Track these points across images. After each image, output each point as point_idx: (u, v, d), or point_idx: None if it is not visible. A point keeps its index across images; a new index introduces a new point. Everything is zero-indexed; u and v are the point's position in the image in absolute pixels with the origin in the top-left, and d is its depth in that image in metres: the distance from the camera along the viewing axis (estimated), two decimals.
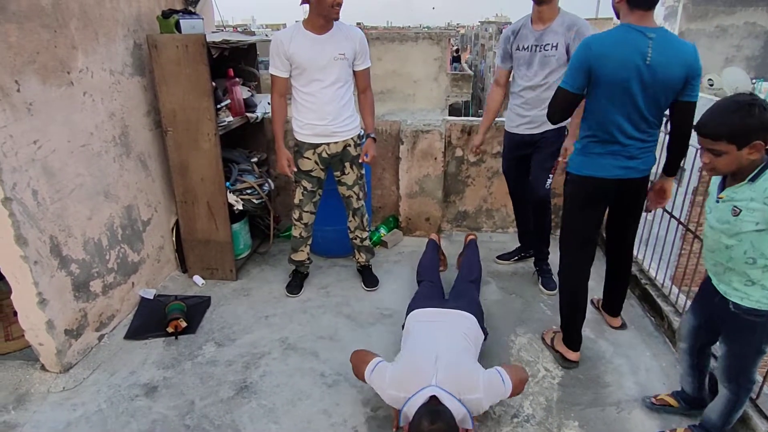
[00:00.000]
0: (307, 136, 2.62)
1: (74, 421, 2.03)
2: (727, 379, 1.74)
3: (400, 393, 1.85)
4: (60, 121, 2.20)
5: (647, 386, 2.21)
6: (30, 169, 2.06)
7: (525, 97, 2.75)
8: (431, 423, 1.66)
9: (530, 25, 2.68)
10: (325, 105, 2.54)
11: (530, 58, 2.67)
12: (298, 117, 2.62)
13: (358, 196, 2.84)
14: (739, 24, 13.87)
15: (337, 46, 2.49)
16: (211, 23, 3.59)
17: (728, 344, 1.72)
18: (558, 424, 2.02)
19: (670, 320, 2.51)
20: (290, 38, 2.45)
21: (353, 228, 2.96)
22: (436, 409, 1.72)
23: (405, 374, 1.89)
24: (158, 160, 2.94)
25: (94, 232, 2.45)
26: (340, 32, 2.51)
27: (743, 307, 1.61)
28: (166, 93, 2.68)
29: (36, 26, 2.05)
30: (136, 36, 2.69)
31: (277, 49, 2.46)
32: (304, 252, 2.94)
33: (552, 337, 2.47)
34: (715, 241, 1.64)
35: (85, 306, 2.41)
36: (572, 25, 2.55)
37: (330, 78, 2.51)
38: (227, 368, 2.34)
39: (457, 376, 1.85)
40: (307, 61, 2.46)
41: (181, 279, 3.13)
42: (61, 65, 2.19)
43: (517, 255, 3.31)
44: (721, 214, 1.61)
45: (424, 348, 2.01)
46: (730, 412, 1.77)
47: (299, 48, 2.44)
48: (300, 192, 2.76)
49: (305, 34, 2.46)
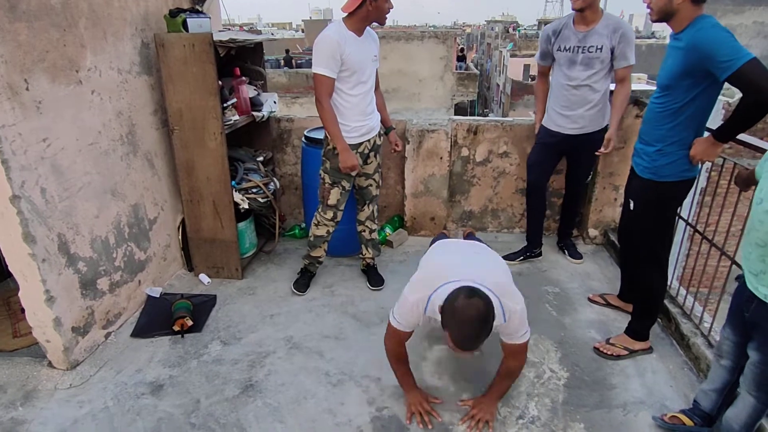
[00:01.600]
0: (353, 138, 2.61)
1: (81, 418, 2.05)
2: (757, 387, 1.67)
3: (427, 291, 1.71)
4: (68, 119, 2.22)
5: (654, 389, 2.20)
6: (39, 167, 2.07)
7: (567, 97, 2.83)
8: (468, 297, 1.55)
9: (572, 26, 2.75)
10: (368, 105, 2.63)
11: (573, 59, 2.76)
12: (344, 122, 2.56)
13: (378, 183, 2.91)
14: (748, 23, 13.75)
15: (372, 47, 2.58)
16: (218, 22, 3.60)
17: (763, 352, 1.63)
18: (564, 426, 2.01)
19: (677, 322, 2.49)
20: (345, 39, 2.40)
21: (364, 218, 2.96)
22: (474, 288, 1.59)
23: (432, 274, 1.77)
24: (164, 158, 2.95)
25: (101, 230, 2.46)
26: (369, 35, 2.59)
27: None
28: (172, 92, 2.69)
29: (45, 25, 2.06)
30: (143, 35, 2.70)
31: (333, 49, 2.37)
32: (322, 248, 2.94)
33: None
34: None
35: (92, 304, 2.43)
36: (618, 28, 2.65)
37: (371, 79, 2.60)
38: (233, 367, 2.35)
39: (497, 284, 1.73)
40: (357, 63, 2.47)
41: (187, 277, 3.14)
42: (70, 64, 2.20)
43: (523, 255, 3.30)
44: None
45: (453, 255, 1.87)
46: (755, 421, 1.71)
47: (353, 49, 2.43)
48: (338, 192, 2.73)
49: (351, 35, 2.45)
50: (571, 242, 3.37)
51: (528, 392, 2.18)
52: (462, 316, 1.56)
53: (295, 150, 3.66)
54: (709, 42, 1.82)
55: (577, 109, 2.83)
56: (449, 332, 1.61)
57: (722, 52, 1.78)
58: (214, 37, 2.61)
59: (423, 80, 12.34)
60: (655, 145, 2.11)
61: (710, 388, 1.90)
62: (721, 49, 1.78)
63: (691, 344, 2.34)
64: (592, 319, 2.70)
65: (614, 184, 3.37)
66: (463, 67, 22.70)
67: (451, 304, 1.58)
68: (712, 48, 1.80)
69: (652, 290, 2.32)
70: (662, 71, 2.07)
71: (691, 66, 1.90)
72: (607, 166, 3.33)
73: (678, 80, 1.97)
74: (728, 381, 1.83)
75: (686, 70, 1.93)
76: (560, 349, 2.46)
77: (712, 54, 1.80)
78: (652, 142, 2.13)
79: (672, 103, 2.02)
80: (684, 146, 2.06)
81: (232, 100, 2.93)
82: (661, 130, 2.08)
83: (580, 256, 3.28)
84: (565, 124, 2.90)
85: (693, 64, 1.89)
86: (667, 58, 2.05)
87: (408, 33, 11.75)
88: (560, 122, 2.92)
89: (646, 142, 2.17)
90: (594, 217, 3.48)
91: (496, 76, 26.21)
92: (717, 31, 1.82)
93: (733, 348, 1.78)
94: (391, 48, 12.20)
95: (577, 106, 2.82)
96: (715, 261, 2.50)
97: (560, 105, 2.88)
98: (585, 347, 2.46)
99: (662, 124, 2.08)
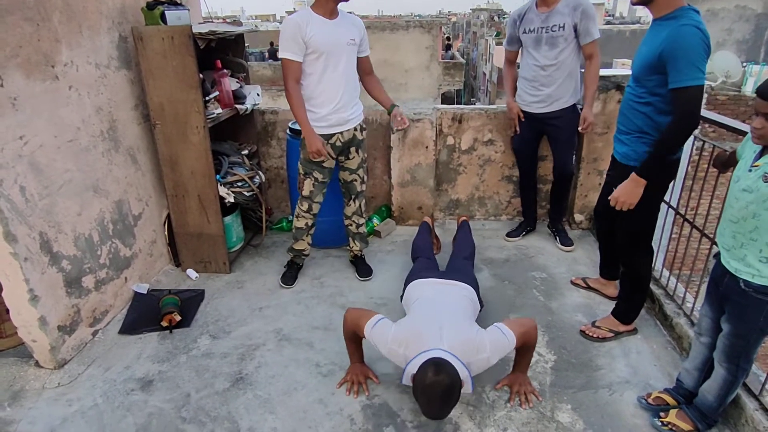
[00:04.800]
0: (323, 128, 2.57)
1: (70, 417, 2.04)
2: (727, 359, 1.73)
3: (403, 350, 1.89)
4: (46, 116, 2.18)
5: (638, 368, 2.24)
6: (17, 165, 2.04)
7: (536, 78, 2.93)
8: (435, 374, 1.70)
9: (535, 9, 2.86)
10: (339, 92, 2.54)
11: (538, 39, 2.86)
12: (312, 109, 2.54)
13: (362, 179, 2.87)
14: (730, 7, 13.87)
15: (348, 31, 2.51)
16: (198, 14, 3.55)
17: (733, 324, 1.70)
18: (551, 408, 2.04)
19: (661, 303, 2.53)
20: (307, 21, 2.39)
21: (350, 213, 2.96)
22: (441, 362, 1.75)
23: (410, 336, 1.91)
24: (147, 153, 2.92)
25: (84, 227, 2.44)
26: (346, 19, 2.54)
27: (754, 285, 1.60)
28: (153, 86, 2.65)
29: (18, 20, 2.02)
30: (121, 28, 2.65)
31: (293, 31, 2.36)
32: (305, 241, 2.93)
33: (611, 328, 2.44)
34: (741, 209, 1.60)
35: (77, 302, 2.41)
36: (578, 5, 2.75)
37: (342, 63, 2.51)
38: (222, 360, 2.35)
39: (463, 342, 1.88)
40: (324, 45, 2.41)
41: (174, 273, 3.12)
42: (45, 59, 2.16)
43: (524, 230, 3.48)
44: (750, 182, 1.57)
45: (428, 314, 2.04)
46: (727, 393, 1.77)
47: (316, 31, 2.39)
48: (311, 183, 2.71)
49: (319, 18, 2.43)
50: (561, 228, 3.40)
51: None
52: (429, 393, 1.71)
53: (281, 143, 3.64)
54: (684, 43, 1.81)
55: (544, 89, 2.93)
56: (419, 405, 1.79)
57: (690, 61, 1.80)
58: (194, 29, 2.57)
59: (409, 70, 12.29)
60: (633, 133, 2.13)
61: (692, 366, 1.95)
62: (690, 58, 1.80)
63: (674, 324, 2.39)
64: (579, 303, 2.73)
65: (598, 170, 3.40)
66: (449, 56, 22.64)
67: (421, 381, 1.73)
68: (682, 51, 1.81)
69: (640, 274, 2.35)
70: (637, 59, 2.06)
71: (660, 62, 1.89)
72: (591, 152, 3.36)
73: (649, 74, 1.97)
74: (708, 357, 1.87)
75: (658, 64, 1.90)
76: (547, 333, 2.49)
77: (679, 57, 1.81)
78: (629, 131, 2.15)
79: (647, 94, 2.03)
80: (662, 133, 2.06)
81: (214, 93, 2.89)
82: (638, 119, 2.09)
83: (570, 243, 3.30)
84: (535, 104, 3.00)
85: (661, 61, 1.88)
86: (643, 44, 2.03)
87: (393, 23, 11.68)
88: (531, 102, 3.03)
89: (624, 132, 2.18)
90: (579, 202, 3.51)
91: (483, 65, 26.17)
92: (697, 38, 1.81)
93: (710, 324, 1.84)
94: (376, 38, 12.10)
95: (545, 87, 2.92)
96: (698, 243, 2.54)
97: (529, 85, 2.99)
98: (572, 330, 2.50)
99: (638, 114, 2.08)
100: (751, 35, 14.05)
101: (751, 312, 1.64)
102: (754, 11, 14.07)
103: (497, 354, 1.91)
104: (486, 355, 1.88)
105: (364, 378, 2.17)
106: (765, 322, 1.63)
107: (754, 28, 14.05)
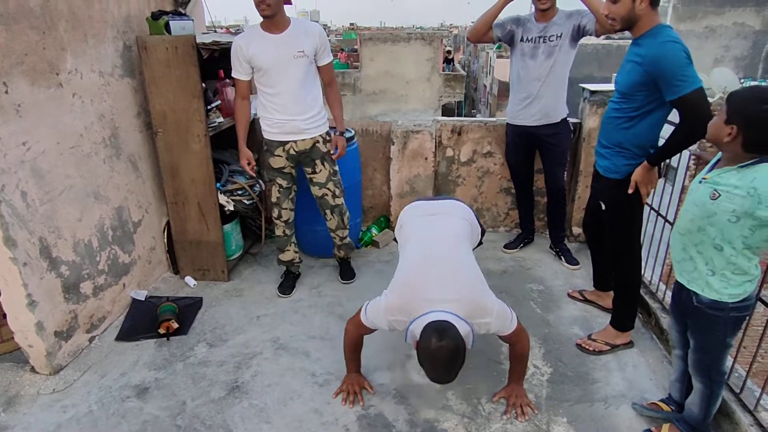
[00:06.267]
0: (275, 134, 2.66)
1: (64, 423, 2.03)
2: (699, 373, 1.76)
3: (401, 317, 1.84)
4: (49, 122, 2.20)
5: (634, 382, 2.24)
6: (19, 171, 2.06)
7: (531, 90, 2.96)
8: (439, 339, 1.65)
9: (534, 20, 2.94)
10: (290, 104, 2.57)
11: (534, 50, 2.92)
12: (265, 115, 2.65)
13: (334, 193, 2.83)
14: (728, 24, 14.02)
15: (296, 44, 2.50)
16: (202, 24, 3.59)
17: (695, 339, 1.74)
18: (547, 421, 2.04)
19: (657, 317, 2.54)
20: (248, 42, 2.48)
21: (334, 227, 2.94)
22: (444, 326, 1.70)
23: (404, 301, 1.86)
24: (149, 161, 2.94)
25: (84, 233, 2.45)
26: (298, 29, 2.53)
27: (705, 301, 1.63)
28: (156, 94, 2.68)
29: (24, 28, 2.05)
30: (125, 37, 2.69)
31: (237, 53, 2.50)
32: (291, 251, 2.95)
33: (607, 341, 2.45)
34: (689, 221, 1.65)
35: (75, 308, 2.41)
36: (570, 13, 2.86)
37: (291, 77, 2.53)
38: (219, 368, 2.34)
39: (468, 302, 1.82)
40: (266, 62, 2.48)
41: (172, 280, 3.13)
42: (49, 67, 2.19)
43: (522, 242, 3.49)
44: (699, 195, 1.61)
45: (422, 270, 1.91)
46: (708, 405, 1.79)
47: (258, 50, 2.47)
48: (276, 190, 2.78)
49: (263, 35, 2.49)
50: (566, 247, 3.33)
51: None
52: (434, 359, 1.69)
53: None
54: (668, 59, 1.87)
55: (538, 103, 2.96)
56: (425, 370, 1.77)
57: (677, 73, 1.85)
58: (197, 40, 2.61)
59: (410, 82, 12.35)
60: (613, 147, 2.18)
61: (674, 378, 2.00)
62: (676, 70, 1.85)
63: (670, 338, 2.39)
64: (576, 316, 2.74)
65: None
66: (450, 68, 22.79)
67: (425, 348, 1.69)
68: (668, 66, 1.87)
69: (633, 282, 2.38)
70: (620, 76, 2.13)
71: (648, 78, 1.95)
72: (588, 165, 3.38)
73: (635, 90, 2.02)
74: (685, 370, 1.91)
75: (642, 82, 1.97)
76: (544, 346, 2.49)
77: (666, 72, 1.87)
78: (610, 145, 2.19)
79: (630, 111, 2.08)
80: (642, 149, 2.11)
81: (216, 102, 2.93)
82: (619, 135, 2.14)
83: (576, 262, 3.22)
84: (527, 117, 3.03)
85: (649, 77, 1.94)
86: (626, 62, 2.09)
87: (394, 35, 11.78)
88: (522, 115, 3.06)
89: (605, 146, 2.23)
90: (577, 215, 3.53)
91: (483, 77, 26.36)
92: (677, 50, 1.87)
93: (678, 337, 1.88)
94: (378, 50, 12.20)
95: (537, 99, 2.96)
96: None
97: (520, 98, 3.02)
98: (568, 343, 2.50)
99: (619, 129, 2.13)
100: (749, 52, 14.18)
101: (708, 329, 1.67)
102: (752, 28, 14.21)
103: (498, 324, 1.87)
104: (488, 320, 1.84)
105: (360, 388, 2.16)
106: (724, 337, 1.66)
107: (752, 45, 14.18)
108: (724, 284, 1.60)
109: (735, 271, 1.58)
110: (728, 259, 1.57)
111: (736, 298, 1.60)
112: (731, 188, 1.52)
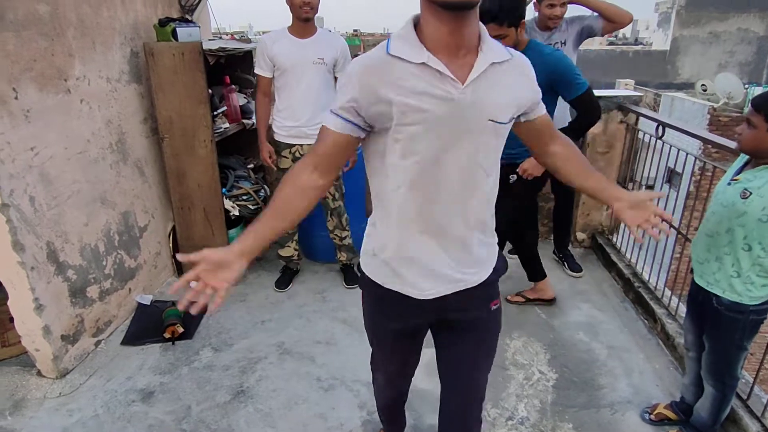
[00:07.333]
0: (283, 137, 2.75)
1: (70, 427, 2.04)
2: (712, 376, 1.75)
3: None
4: (57, 128, 2.22)
5: (641, 388, 2.23)
6: (27, 176, 2.08)
7: None
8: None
9: (537, 30, 2.96)
10: (300, 106, 2.66)
11: None
12: (276, 117, 2.76)
13: (333, 196, 2.89)
14: (732, 30, 14.01)
15: (318, 51, 2.61)
16: (208, 31, 3.63)
17: (711, 342, 1.73)
18: (552, 427, 2.03)
19: (663, 323, 2.53)
20: (274, 41, 2.60)
21: (332, 228, 3.00)
22: None
23: None
24: (155, 166, 2.96)
25: (90, 238, 2.46)
26: (323, 39, 2.65)
27: (725, 302, 1.62)
28: (162, 100, 2.70)
29: (33, 34, 2.08)
30: (132, 44, 2.72)
31: (262, 50, 2.62)
32: (291, 248, 2.98)
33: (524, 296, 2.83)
34: (717, 224, 1.63)
35: (81, 312, 2.42)
36: (571, 19, 2.89)
37: (306, 81, 2.62)
38: (224, 373, 2.35)
39: None
40: (286, 63, 2.59)
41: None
42: (58, 73, 2.21)
43: None
44: (728, 196, 1.60)
45: None
46: (719, 410, 1.78)
47: (281, 50, 2.59)
48: None
49: (289, 38, 2.61)
50: (569, 253, 3.31)
51: (517, 393, 2.20)
52: None
53: None
54: (561, 68, 2.15)
55: None
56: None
57: (571, 77, 2.15)
58: (204, 46, 2.63)
59: None
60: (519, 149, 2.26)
61: (688, 381, 1.97)
62: (570, 75, 2.16)
63: (677, 344, 2.38)
64: (581, 321, 2.73)
65: None
66: None
67: None
68: (563, 73, 2.15)
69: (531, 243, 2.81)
70: None
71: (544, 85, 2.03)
72: None
73: None
74: (698, 372, 1.89)
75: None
76: (549, 351, 2.48)
77: (563, 77, 2.15)
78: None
79: None
80: None
81: (222, 108, 2.95)
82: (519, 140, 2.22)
83: (579, 269, 3.20)
84: None
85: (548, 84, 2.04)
86: None
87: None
88: None
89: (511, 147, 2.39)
90: (582, 221, 3.52)
91: None
92: (565, 58, 2.19)
93: (694, 339, 1.86)
94: None
95: None
96: None
97: None
98: (573, 349, 2.49)
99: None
100: (753, 57, 14.15)
101: (726, 331, 1.66)
102: (757, 34, 14.19)
103: None
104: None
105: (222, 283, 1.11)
106: (741, 340, 1.65)
107: (756, 51, 14.15)
108: (747, 287, 1.59)
109: (760, 273, 1.57)
110: (755, 260, 1.56)
111: (757, 300, 1.60)
112: (763, 187, 1.51)
